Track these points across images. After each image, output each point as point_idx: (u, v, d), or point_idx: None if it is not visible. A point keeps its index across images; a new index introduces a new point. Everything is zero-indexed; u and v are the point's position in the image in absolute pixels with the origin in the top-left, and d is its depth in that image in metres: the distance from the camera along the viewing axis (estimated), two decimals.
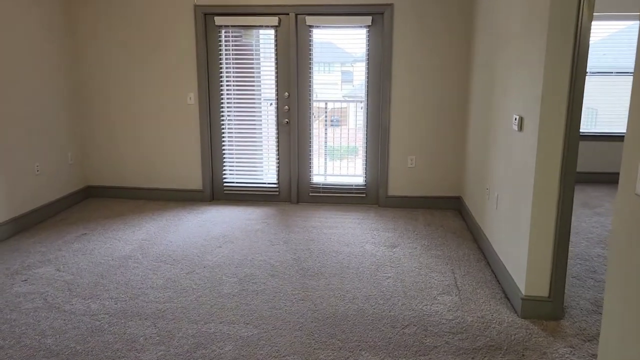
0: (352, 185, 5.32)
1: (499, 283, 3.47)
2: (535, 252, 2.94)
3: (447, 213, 5.07)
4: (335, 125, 5.32)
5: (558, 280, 2.96)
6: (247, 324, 2.93)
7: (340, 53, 5.13)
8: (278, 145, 5.29)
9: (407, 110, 5.05)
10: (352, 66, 5.12)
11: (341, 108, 5.37)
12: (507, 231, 3.37)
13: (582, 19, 2.64)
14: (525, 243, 2.98)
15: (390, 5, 4.83)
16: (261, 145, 5.34)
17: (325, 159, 5.31)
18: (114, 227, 4.55)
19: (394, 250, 4.08)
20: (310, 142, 5.26)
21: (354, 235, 4.40)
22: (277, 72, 5.13)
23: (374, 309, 3.12)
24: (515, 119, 3.16)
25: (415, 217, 4.95)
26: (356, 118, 5.24)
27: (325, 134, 5.26)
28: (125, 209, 5.13)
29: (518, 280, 3.09)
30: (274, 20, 4.97)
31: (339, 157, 5.33)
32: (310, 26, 5.00)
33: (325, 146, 5.29)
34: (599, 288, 3.41)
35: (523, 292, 3.01)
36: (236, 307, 3.12)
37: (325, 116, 5.27)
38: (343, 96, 5.25)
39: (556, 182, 2.85)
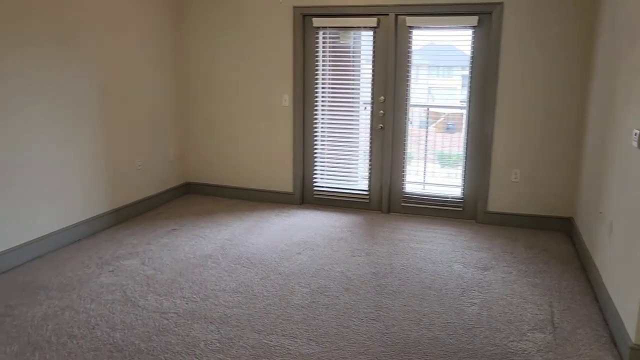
0: (447, 197, 4.95)
1: (607, 324, 2.97)
2: None
3: (554, 235, 4.52)
4: (452, 130, 4.98)
5: None
6: (310, 340, 2.77)
7: (442, 56, 4.79)
8: (371, 151, 5.08)
9: (514, 118, 4.58)
10: (455, 70, 4.76)
11: (460, 114, 5.03)
12: (620, 264, 2.87)
13: None
14: (637, 283, 2.49)
15: (500, 3, 4.41)
16: (353, 150, 5.17)
17: (425, 165, 5.00)
18: (202, 225, 4.65)
19: (485, 273, 3.69)
20: (404, 149, 4.99)
21: (443, 253, 4.07)
22: (373, 75, 4.93)
23: (451, 338, 2.81)
24: (636, 134, 2.67)
25: (516, 237, 4.47)
26: (464, 124, 4.88)
27: (426, 140, 4.96)
28: (217, 207, 5.24)
29: (628, 324, 2.61)
30: (373, 21, 4.77)
31: (449, 164, 4.98)
32: (411, 27, 4.73)
33: (426, 152, 4.98)
34: None
35: (632, 340, 2.52)
36: (303, 320, 2.98)
37: (427, 121, 4.96)
38: (461, 102, 4.91)
39: None
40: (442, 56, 4.80)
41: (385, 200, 5.10)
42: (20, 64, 3.57)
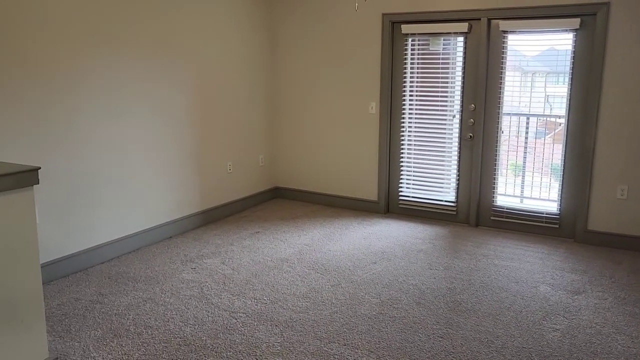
0: (542, 213, 4.61)
1: None
2: None
3: None
4: (540, 137, 4.67)
5: None
6: (371, 352, 2.72)
7: (539, 62, 4.49)
8: (459, 161, 4.88)
9: (620, 129, 4.16)
10: (553, 76, 4.43)
11: (544, 122, 4.70)
12: None
13: None
14: None
15: (606, 3, 4.04)
16: (441, 160, 5.00)
17: (521, 179, 4.70)
18: (284, 229, 4.75)
19: (576, 297, 3.38)
20: (496, 160, 4.73)
21: (530, 272, 3.79)
22: (463, 82, 4.74)
23: None
24: None
25: (619, 260, 4.04)
26: (562, 135, 4.53)
27: (525, 151, 4.66)
28: (302, 212, 5.33)
29: None
30: (464, 26, 4.60)
31: (530, 176, 4.67)
32: (505, 32, 4.49)
33: (516, 164, 4.69)
34: None
35: None
36: (367, 331, 2.92)
37: (526, 131, 4.66)
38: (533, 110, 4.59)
39: None
40: (539, 61, 4.49)
41: (474, 213, 4.86)
42: (119, 71, 3.92)
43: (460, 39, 4.70)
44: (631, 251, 4.24)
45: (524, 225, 4.69)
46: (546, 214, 4.59)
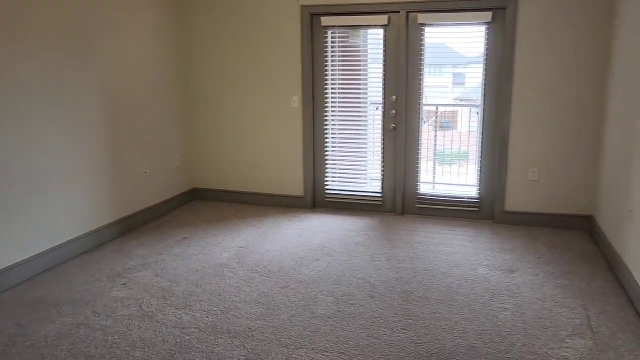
0: (463, 198, 4.83)
1: None
2: None
3: (574, 234, 4.42)
4: (446, 128, 4.88)
5: None
6: (342, 353, 2.64)
7: (454, 53, 4.68)
8: (383, 152, 4.96)
9: (530, 116, 4.47)
10: (467, 67, 4.65)
11: (453, 112, 4.91)
12: None
13: None
14: None
15: None
16: (366, 152, 5.04)
17: (435, 166, 4.88)
18: (214, 233, 4.50)
19: (512, 276, 3.57)
20: (418, 150, 4.86)
21: (465, 256, 3.95)
22: (385, 75, 4.80)
23: (488, 348, 2.69)
24: None
25: (537, 237, 4.36)
26: (470, 122, 4.76)
27: (435, 138, 4.84)
28: (227, 213, 5.09)
29: None
30: (384, 19, 4.65)
31: (448, 163, 4.87)
32: (423, 24, 4.61)
33: (435, 151, 4.86)
34: None
35: None
36: (331, 332, 2.84)
37: (436, 119, 4.84)
38: (454, 99, 4.80)
39: None
40: (452, 54, 4.68)
41: (400, 202, 4.98)
42: (24, 71, 3.43)
43: (380, 31, 4.75)
44: (544, 228, 4.59)
45: (447, 210, 4.89)
46: (467, 198, 4.83)
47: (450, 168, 4.88)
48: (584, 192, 4.48)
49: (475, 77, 4.62)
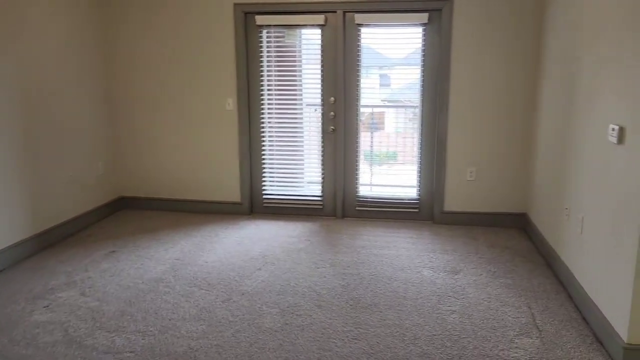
0: (403, 199, 4.83)
1: (587, 323, 2.92)
2: None
3: (510, 232, 4.52)
4: (374, 129, 4.85)
5: None
6: None
7: (391, 54, 4.66)
8: (323, 155, 4.86)
9: (467, 117, 4.53)
10: (404, 68, 4.64)
11: (390, 112, 4.90)
12: (598, 262, 2.83)
13: None
14: (628, 280, 2.44)
15: (449, 0, 4.34)
16: (304, 155, 4.92)
17: (371, 167, 4.84)
18: (145, 244, 4.21)
19: (456, 277, 3.57)
20: (357, 152, 4.80)
21: (409, 258, 3.92)
22: (322, 76, 4.70)
23: (440, 353, 2.64)
24: (613, 130, 2.62)
25: (476, 236, 4.42)
26: (406, 123, 4.76)
27: (371, 139, 4.80)
28: (159, 223, 4.79)
29: (617, 324, 2.55)
30: (320, 18, 4.55)
31: (378, 163, 4.84)
32: (360, 25, 4.56)
33: (372, 152, 4.82)
34: None
35: (625, 339, 2.47)
36: (279, 347, 2.69)
37: (372, 120, 4.80)
38: (392, 100, 4.78)
39: None
40: (390, 55, 4.66)
41: (340, 206, 4.89)
42: None
43: (317, 31, 4.65)
44: (482, 227, 4.67)
45: (387, 212, 4.86)
46: (407, 199, 4.83)
47: (389, 169, 4.85)
48: (518, 191, 4.59)
49: (412, 78, 4.62)
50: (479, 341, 2.74)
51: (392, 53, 4.62)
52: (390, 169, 4.85)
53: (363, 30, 4.57)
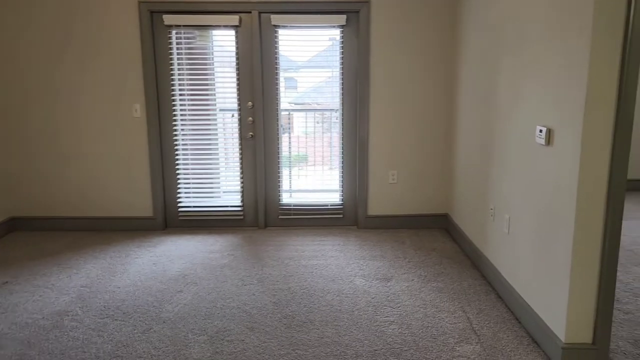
0: (327, 205, 4.70)
1: (520, 323, 2.95)
2: (578, 290, 2.43)
3: (434, 233, 4.55)
4: (284, 132, 4.70)
5: (604, 322, 2.46)
6: None
7: (310, 56, 4.51)
8: (242, 163, 4.60)
9: (388, 120, 4.50)
10: (325, 71, 4.52)
11: (307, 117, 4.76)
12: (529, 262, 2.86)
13: (633, 9, 2.15)
14: (564, 280, 2.46)
15: (367, 2, 4.27)
16: (222, 163, 4.63)
17: (293, 174, 4.67)
18: (44, 271, 3.71)
19: (389, 284, 3.49)
20: (278, 158, 4.61)
21: (339, 267, 3.78)
22: (239, 79, 4.45)
23: None
24: (541, 132, 2.65)
25: (402, 239, 4.39)
26: (326, 127, 4.64)
27: (290, 145, 4.63)
28: (60, 245, 4.28)
29: (554, 324, 2.57)
30: (234, 19, 4.30)
31: (300, 169, 4.69)
32: (276, 26, 4.36)
33: (292, 158, 4.65)
34: (632, 323, 2.95)
35: (563, 339, 2.49)
36: None
37: (290, 124, 4.63)
38: (312, 104, 4.64)
39: (602, 205, 2.35)
40: (309, 57, 4.52)
41: (262, 215, 4.67)
42: None
43: (231, 32, 4.39)
44: (407, 229, 4.66)
45: (311, 219, 4.71)
46: (331, 205, 4.71)
47: (311, 174, 4.70)
48: (439, 192, 4.64)
49: (332, 80, 4.50)
50: (421, 352, 2.66)
51: (311, 55, 4.47)
52: (313, 175, 4.70)
53: (280, 32, 4.38)
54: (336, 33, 4.40)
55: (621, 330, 2.87)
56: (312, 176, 4.69)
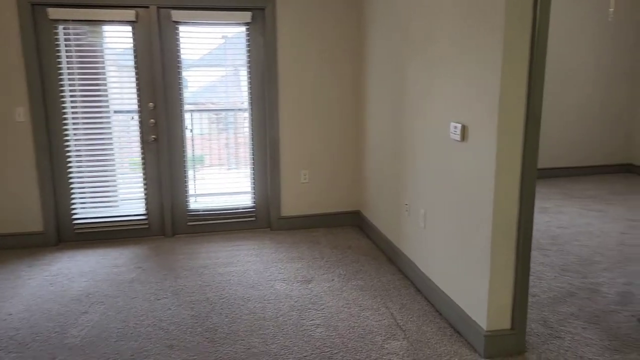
0: (239, 208, 4.55)
1: (441, 314, 3.04)
2: (498, 279, 2.54)
3: (347, 230, 4.58)
4: (203, 135, 4.51)
5: (521, 307, 2.60)
6: None
7: (216, 54, 4.33)
8: (145, 168, 4.30)
9: (298, 119, 4.45)
10: (231, 69, 4.36)
11: (219, 117, 4.57)
12: (447, 255, 2.95)
13: (539, 8, 2.28)
14: (484, 271, 2.57)
15: None
16: (122, 170, 4.30)
17: (201, 176, 4.46)
18: None
19: (310, 286, 3.44)
20: (184, 161, 4.37)
21: (257, 272, 3.67)
22: (138, 79, 4.15)
23: None
24: (455, 128, 2.74)
25: (317, 239, 4.37)
26: (236, 127, 4.49)
27: (193, 145, 4.42)
28: None
29: (475, 313, 2.68)
30: (129, 14, 4.00)
31: (208, 171, 4.50)
32: (177, 22, 4.13)
33: (199, 159, 4.44)
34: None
35: (485, 327, 2.59)
36: None
37: (201, 126, 4.42)
38: (220, 103, 4.47)
39: (516, 196, 2.48)
40: (217, 55, 4.33)
41: (169, 223, 4.40)
42: None
43: (128, 28, 4.07)
44: (320, 228, 4.65)
45: (223, 224, 4.54)
46: (242, 208, 4.56)
47: (222, 176, 4.52)
48: (350, 189, 4.68)
49: (240, 80, 4.36)
50: (351, 354, 2.63)
51: (216, 53, 4.29)
52: (222, 177, 4.52)
53: (182, 28, 4.15)
54: (241, 30, 4.26)
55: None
56: (221, 179, 4.51)
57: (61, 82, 4.03)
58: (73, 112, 4.10)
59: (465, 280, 2.76)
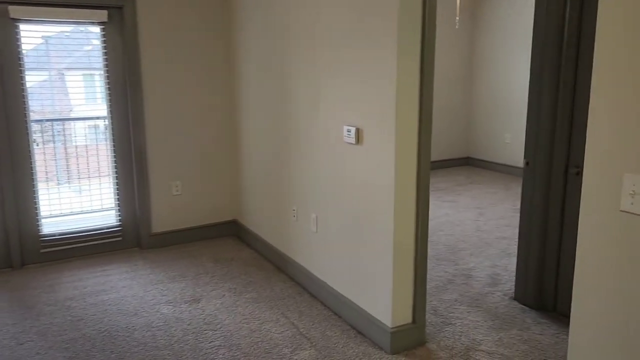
0: (102, 228, 4.08)
1: (339, 317, 3.04)
2: (400, 276, 2.62)
3: (226, 241, 4.39)
4: (55, 147, 3.97)
5: (420, 301, 2.71)
6: None
7: (68, 57, 3.82)
8: None
9: (167, 126, 4.13)
10: (85, 72, 3.89)
11: (69, 126, 4.05)
12: (344, 258, 2.96)
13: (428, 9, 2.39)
14: (386, 270, 2.62)
15: None
16: None
17: (54, 194, 3.91)
18: None
19: (200, 305, 3.21)
20: (33, 179, 3.79)
21: (136, 297, 3.32)
22: None
23: None
24: (349, 131, 2.76)
25: (195, 253, 4.10)
26: (93, 138, 4.02)
27: (69, 161, 3.88)
28: None
29: (378, 312, 2.72)
30: None
31: (46, 188, 3.99)
32: (17, 19, 3.56)
33: (57, 175, 3.90)
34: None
35: (390, 324, 2.65)
36: None
37: (50, 138, 3.87)
38: (74, 111, 3.96)
39: (414, 195, 2.57)
40: (67, 57, 3.83)
41: (16, 252, 3.78)
42: None
43: None
44: (199, 241, 4.38)
45: (84, 247, 4.03)
46: (106, 227, 4.10)
47: (84, 193, 4.02)
48: (226, 198, 4.49)
49: (96, 85, 3.91)
50: None
51: (64, 55, 3.79)
52: (82, 194, 4.01)
53: (22, 27, 3.59)
54: (96, 31, 3.82)
55: None
56: (80, 196, 4.01)
57: None
58: None
59: (365, 280, 2.79)
